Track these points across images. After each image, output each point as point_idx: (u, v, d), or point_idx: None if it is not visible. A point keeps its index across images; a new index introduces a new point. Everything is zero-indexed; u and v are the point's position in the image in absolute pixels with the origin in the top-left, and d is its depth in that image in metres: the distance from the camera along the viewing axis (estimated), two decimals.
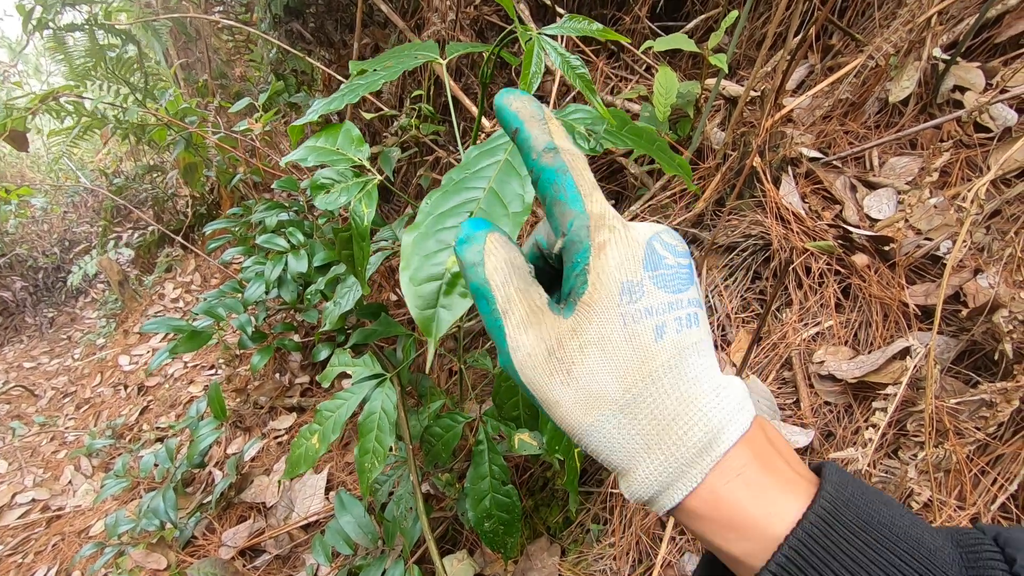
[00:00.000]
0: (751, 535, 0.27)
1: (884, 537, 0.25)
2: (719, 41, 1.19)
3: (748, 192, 1.12)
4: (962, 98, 1.24)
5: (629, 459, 0.29)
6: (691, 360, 0.29)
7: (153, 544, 1.41)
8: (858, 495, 0.26)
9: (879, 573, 0.24)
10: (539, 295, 0.31)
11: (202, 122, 1.92)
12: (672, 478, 0.28)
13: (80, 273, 3.87)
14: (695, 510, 0.28)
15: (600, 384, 0.29)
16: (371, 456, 0.83)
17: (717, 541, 0.28)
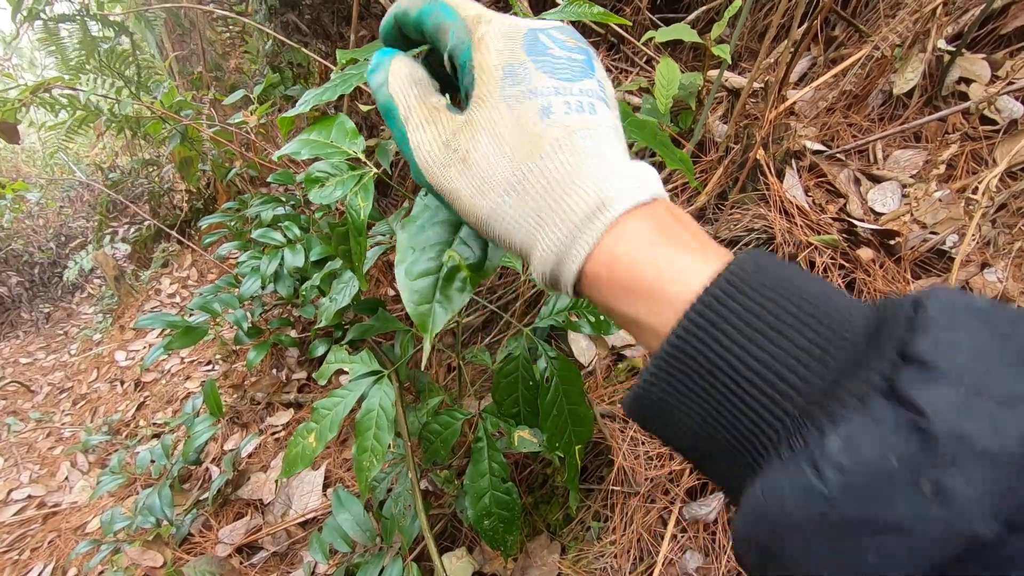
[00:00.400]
0: (655, 297, 0.26)
1: (796, 297, 0.23)
2: (721, 32, 1.17)
3: (751, 186, 1.10)
4: (967, 90, 1.22)
5: (528, 236, 0.29)
6: (582, 142, 0.29)
7: (149, 541, 1.39)
8: (772, 262, 0.24)
9: (781, 340, 0.22)
10: (437, 99, 0.33)
11: (197, 115, 1.90)
12: (567, 245, 0.28)
13: (76, 268, 3.85)
14: (595, 275, 0.27)
15: (492, 166, 0.30)
16: (369, 454, 0.81)
17: (621, 307, 0.27)
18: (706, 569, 0.90)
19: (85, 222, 5.00)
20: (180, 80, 2.88)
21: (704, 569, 0.90)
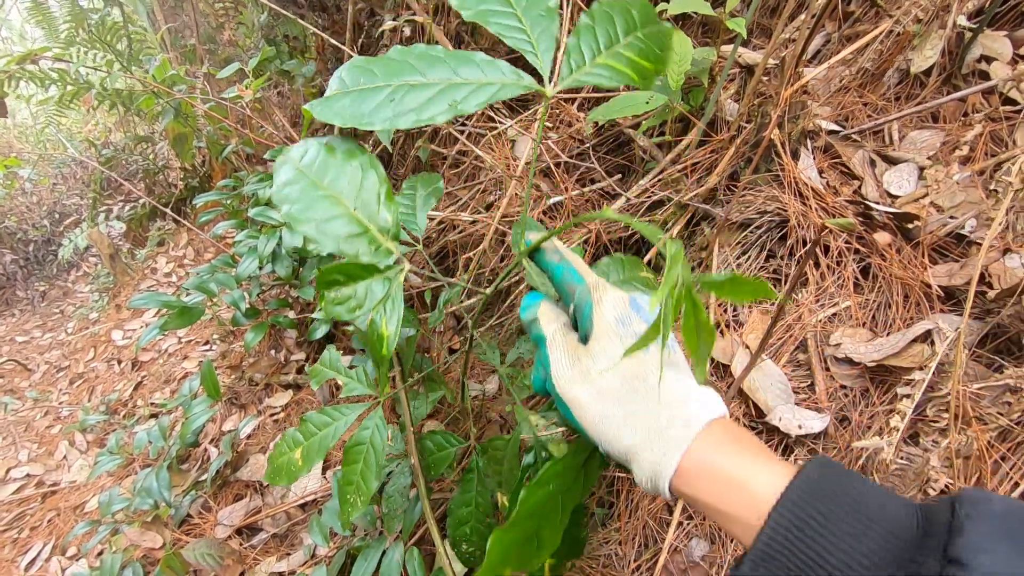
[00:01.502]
0: (741, 494, 0.35)
1: (858, 503, 0.31)
2: (735, 6, 1.13)
3: (764, 166, 1.07)
4: (988, 68, 1.18)
5: (632, 440, 0.40)
6: (669, 372, 0.42)
7: (148, 523, 1.38)
8: (834, 469, 0.34)
9: (852, 541, 0.30)
10: (573, 336, 0.46)
11: (191, 90, 1.84)
12: (666, 448, 0.38)
13: (71, 246, 3.81)
14: (688, 475, 0.37)
15: (608, 382, 0.42)
16: (354, 490, 0.75)
17: (712, 501, 0.36)
18: (712, 557, 0.89)
19: (79, 199, 4.93)
20: (173, 53, 2.81)
21: (710, 557, 0.89)
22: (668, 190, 1.15)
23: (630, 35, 0.48)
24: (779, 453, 0.91)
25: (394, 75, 0.44)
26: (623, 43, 0.47)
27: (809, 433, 0.87)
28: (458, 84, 0.44)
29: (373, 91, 0.43)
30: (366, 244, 0.48)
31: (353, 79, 0.44)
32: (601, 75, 0.46)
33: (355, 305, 0.49)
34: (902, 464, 0.79)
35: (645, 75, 0.47)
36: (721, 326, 1.03)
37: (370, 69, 0.44)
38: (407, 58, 0.45)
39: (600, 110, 1.15)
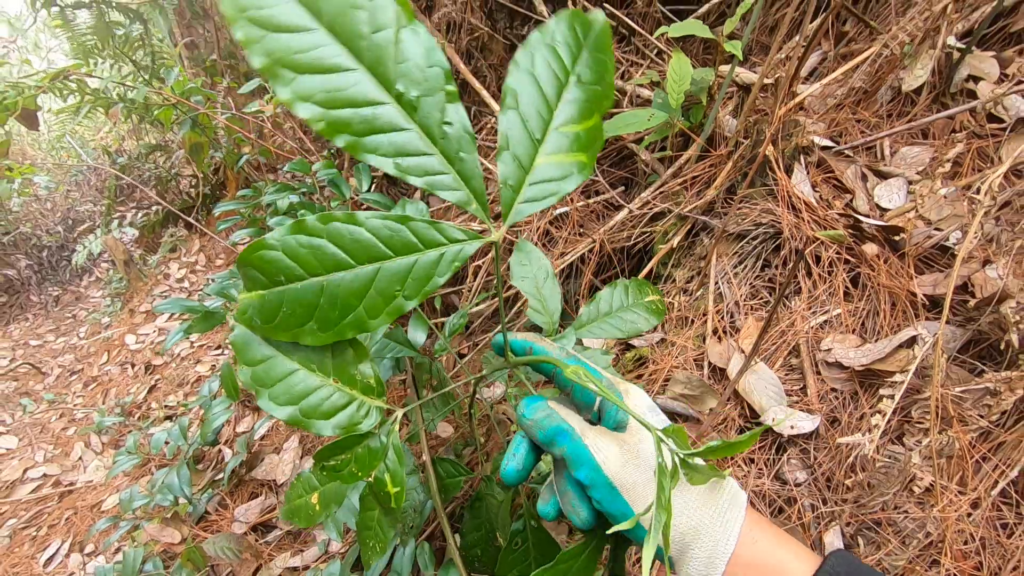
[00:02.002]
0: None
1: None
2: (733, 28, 1.19)
3: (760, 180, 1.12)
4: (976, 88, 1.23)
5: (693, 520, 0.41)
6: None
7: (167, 519, 1.44)
8: (854, 561, 0.39)
9: None
10: (599, 427, 0.45)
11: (209, 102, 1.92)
12: (726, 529, 0.41)
13: (85, 252, 3.88)
14: (738, 555, 0.40)
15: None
16: (373, 535, 0.72)
17: None
18: None
19: (92, 206, 5.02)
20: (189, 66, 2.89)
21: None
22: (669, 202, 1.21)
23: (565, 91, 0.41)
24: (772, 452, 0.96)
25: (318, 267, 0.38)
26: (562, 112, 0.41)
27: (801, 433, 0.92)
28: (393, 270, 0.39)
29: (292, 300, 0.38)
30: (355, 411, 0.46)
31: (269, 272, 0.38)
32: (548, 177, 0.40)
33: (355, 470, 0.48)
34: (887, 462, 0.84)
35: (594, 139, 0.41)
36: (719, 332, 1.09)
37: (287, 265, 0.38)
38: (330, 242, 0.39)
39: (605, 126, 1.21)
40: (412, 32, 0.36)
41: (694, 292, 1.17)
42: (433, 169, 0.38)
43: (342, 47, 0.35)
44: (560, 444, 0.44)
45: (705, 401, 0.99)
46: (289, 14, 0.33)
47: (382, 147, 0.36)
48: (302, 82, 0.34)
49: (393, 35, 0.35)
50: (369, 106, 0.36)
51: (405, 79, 0.36)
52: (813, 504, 0.90)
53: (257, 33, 0.33)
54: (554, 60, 0.40)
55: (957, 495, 0.84)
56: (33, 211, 4.89)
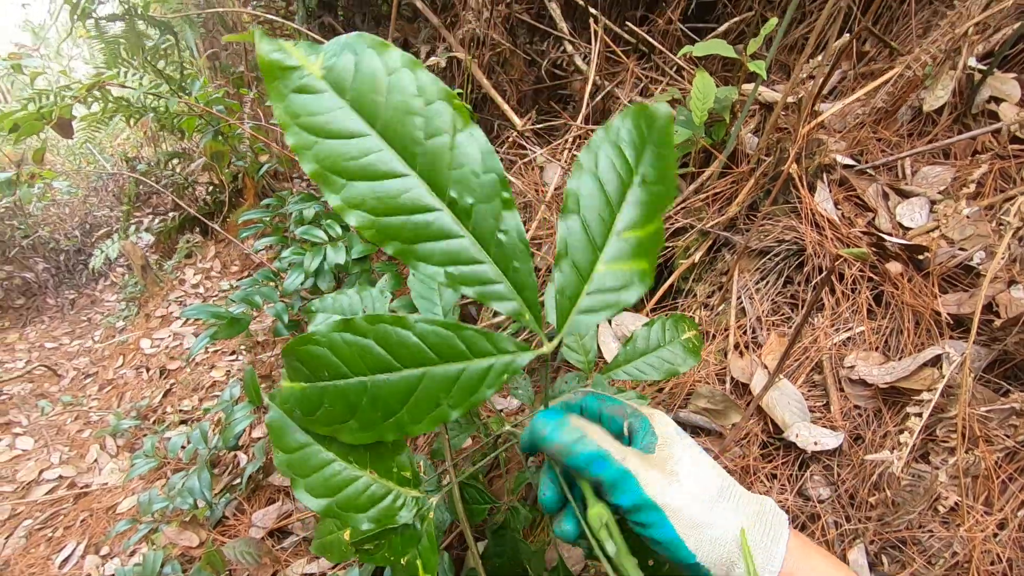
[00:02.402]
0: None
1: None
2: (757, 47, 1.21)
3: (782, 198, 1.13)
4: (997, 109, 1.24)
5: (738, 536, 0.40)
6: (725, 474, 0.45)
7: (186, 522, 1.45)
8: None
9: None
10: (628, 447, 0.44)
11: (231, 112, 1.96)
12: (773, 543, 0.40)
13: (102, 256, 3.93)
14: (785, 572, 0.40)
15: (700, 483, 0.42)
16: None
17: None
18: None
19: (109, 211, 5.10)
20: (211, 76, 2.95)
21: None
22: (691, 218, 1.22)
23: (628, 192, 0.39)
24: (795, 468, 0.96)
25: (363, 367, 0.38)
26: (624, 215, 0.39)
27: (824, 450, 0.92)
28: (439, 377, 0.38)
29: (334, 396, 0.38)
30: (391, 503, 0.46)
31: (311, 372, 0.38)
32: (607, 287, 0.39)
33: (388, 555, 0.48)
34: (912, 481, 0.84)
35: (656, 244, 0.39)
36: (740, 347, 1.09)
37: (333, 360, 0.38)
38: (375, 344, 0.38)
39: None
40: (468, 136, 0.35)
41: (715, 307, 1.18)
42: (486, 278, 0.37)
43: (395, 153, 0.34)
44: (597, 472, 0.41)
45: (728, 416, 1.00)
46: (344, 120, 0.33)
47: (434, 255, 0.36)
48: (353, 189, 0.34)
49: (449, 140, 0.35)
50: (422, 213, 0.35)
51: (460, 185, 0.35)
52: (837, 521, 0.90)
53: (309, 140, 0.33)
54: (618, 159, 0.39)
55: (983, 515, 0.84)
56: (52, 215, 4.97)
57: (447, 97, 0.35)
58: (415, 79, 0.34)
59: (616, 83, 1.66)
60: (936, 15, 1.41)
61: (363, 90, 0.33)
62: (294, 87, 0.33)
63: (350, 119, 0.34)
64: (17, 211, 4.52)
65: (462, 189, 0.35)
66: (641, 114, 0.39)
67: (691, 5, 1.75)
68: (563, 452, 0.42)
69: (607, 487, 0.41)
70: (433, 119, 0.34)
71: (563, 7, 1.82)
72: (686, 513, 0.40)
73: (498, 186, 0.36)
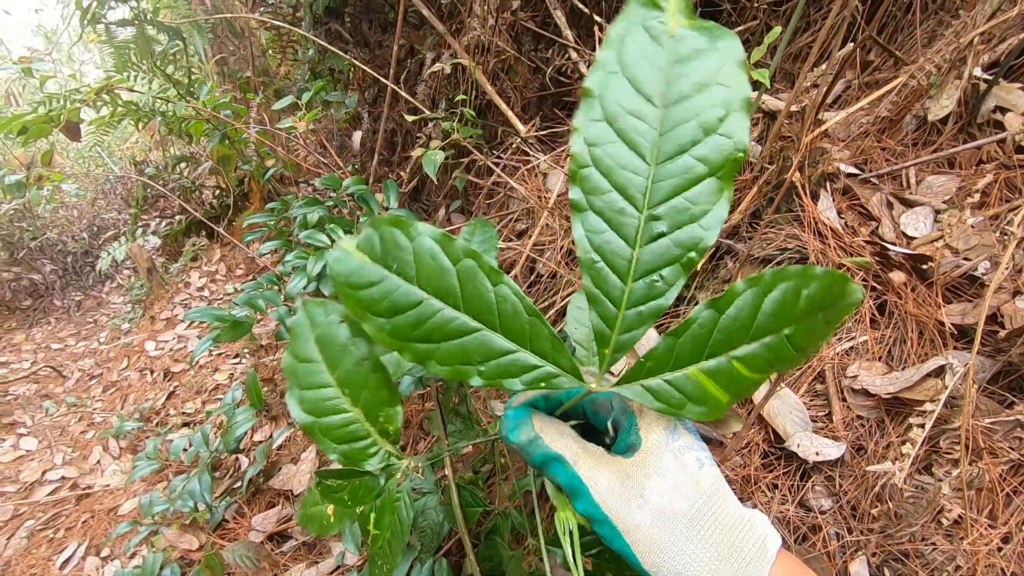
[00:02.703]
0: None
1: None
2: (761, 56, 1.21)
3: (785, 206, 1.13)
4: (1003, 119, 1.24)
5: (704, 566, 0.35)
6: (723, 489, 0.38)
7: (186, 525, 1.45)
8: None
9: None
10: (594, 447, 0.40)
11: (238, 116, 1.97)
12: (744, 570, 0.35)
13: (109, 259, 3.96)
14: None
15: (669, 502, 0.36)
16: (383, 555, 0.71)
17: None
18: None
19: (117, 214, 5.14)
20: (220, 82, 2.98)
21: None
22: None
23: (771, 335, 0.36)
24: (796, 478, 0.95)
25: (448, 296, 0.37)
26: (751, 347, 0.36)
27: (826, 460, 0.91)
28: (488, 343, 0.38)
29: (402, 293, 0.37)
30: (365, 447, 0.46)
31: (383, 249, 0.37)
32: (682, 389, 0.37)
33: (346, 499, 0.49)
34: (915, 493, 0.84)
35: (743, 392, 0.37)
36: None
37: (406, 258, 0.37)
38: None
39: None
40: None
41: None
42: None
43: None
44: (552, 473, 0.39)
45: (729, 424, 0.99)
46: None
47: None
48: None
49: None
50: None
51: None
52: (838, 532, 0.90)
53: None
54: (791, 304, 0.36)
55: (987, 528, 0.83)
56: (61, 218, 5.01)
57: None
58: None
59: None
60: (941, 25, 1.41)
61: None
62: None
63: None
64: (26, 213, 4.56)
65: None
66: (840, 284, 0.35)
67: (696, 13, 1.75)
68: (522, 453, 0.41)
69: (565, 491, 0.39)
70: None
71: (568, 14, 1.82)
72: (644, 533, 0.36)
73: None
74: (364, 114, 2.30)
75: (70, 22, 3.03)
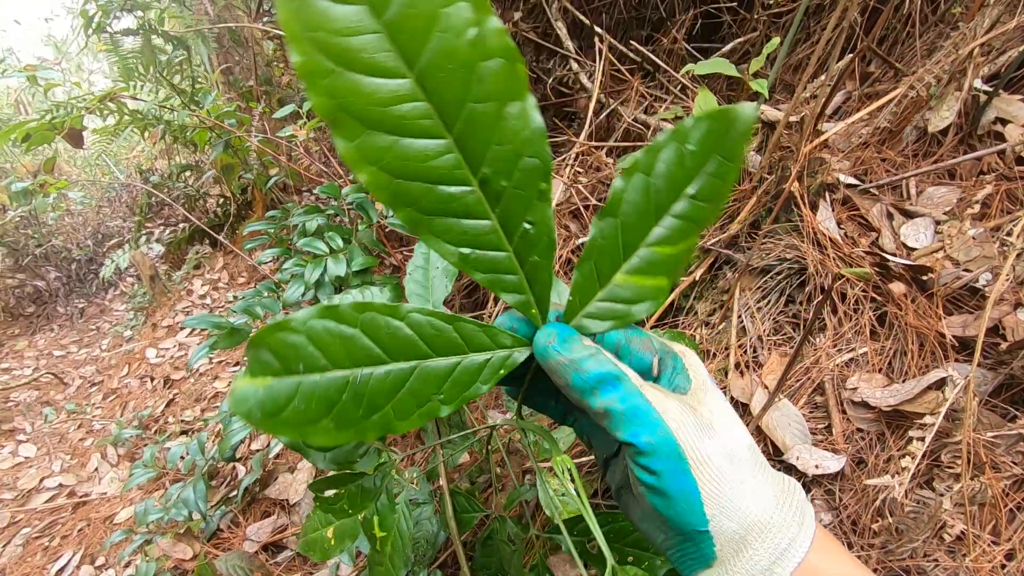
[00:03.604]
0: None
1: None
2: (759, 66, 1.21)
3: (784, 216, 1.13)
4: (1003, 130, 1.23)
5: (765, 507, 0.34)
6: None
7: (180, 534, 1.44)
8: None
9: None
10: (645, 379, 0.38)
11: (241, 125, 1.99)
12: (802, 520, 0.34)
13: (112, 266, 3.97)
14: (811, 562, 0.33)
15: (732, 433, 0.36)
16: (385, 570, 0.69)
17: None
18: None
19: (122, 222, 5.17)
20: (225, 91, 3.00)
21: None
22: None
23: (675, 204, 0.35)
24: None
25: (346, 360, 0.33)
26: (661, 227, 0.35)
27: (826, 473, 0.90)
28: (432, 371, 0.35)
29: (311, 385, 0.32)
30: (352, 449, 0.44)
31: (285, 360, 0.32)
32: (620, 297, 0.36)
33: (346, 507, 0.47)
34: (916, 507, 0.82)
35: (681, 263, 0.36)
36: (741, 366, 1.08)
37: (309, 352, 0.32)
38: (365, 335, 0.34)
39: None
40: (521, 109, 0.30)
41: (716, 325, 1.17)
42: (500, 267, 0.35)
43: (433, 108, 0.29)
44: (607, 395, 0.34)
45: None
46: (376, 51, 0.27)
47: (452, 233, 0.33)
48: (373, 139, 0.29)
49: (495, 109, 0.30)
50: (448, 184, 0.31)
51: (497, 163, 0.31)
52: None
53: (325, 65, 0.27)
54: (677, 166, 0.34)
55: (990, 545, 0.81)
56: (66, 225, 5.04)
57: (509, 55, 0.28)
58: (477, 24, 0.27)
59: (620, 101, 1.67)
60: (941, 37, 1.41)
61: (408, 15, 0.27)
62: None
63: (384, 51, 0.27)
64: (32, 220, 4.59)
65: (498, 168, 0.31)
66: (723, 117, 0.33)
67: (696, 25, 1.76)
68: (568, 370, 0.35)
69: (616, 418, 0.34)
70: (486, 79, 0.29)
71: (570, 26, 1.83)
72: (715, 466, 0.34)
73: (538, 174, 0.32)
74: None
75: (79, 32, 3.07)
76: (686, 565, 0.36)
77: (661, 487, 0.34)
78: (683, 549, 0.35)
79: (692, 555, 0.35)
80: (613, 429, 0.34)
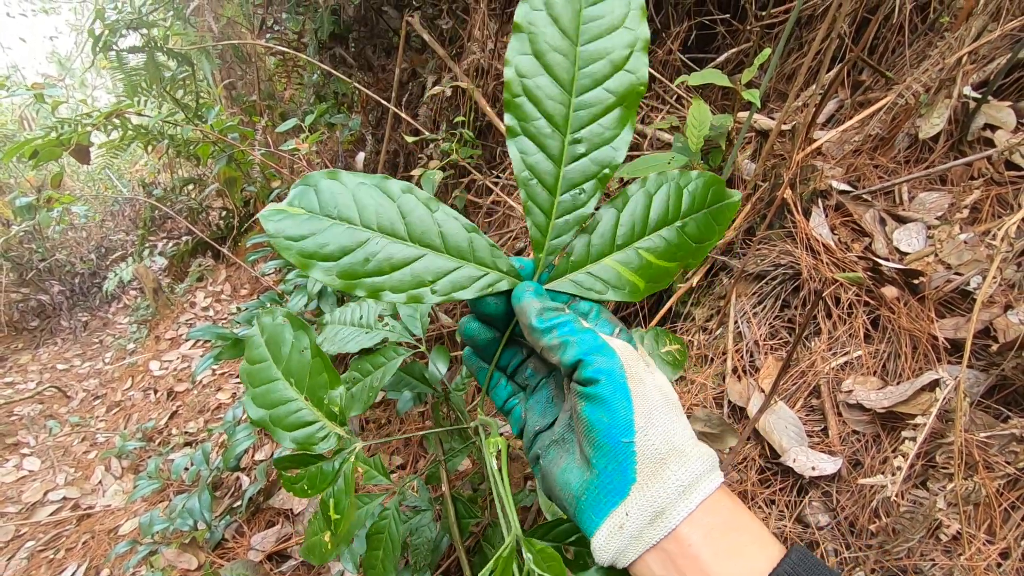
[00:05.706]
0: (742, 559, 0.35)
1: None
2: (752, 76, 1.23)
3: (778, 223, 1.15)
4: (993, 136, 1.25)
5: (686, 440, 0.38)
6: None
7: (185, 544, 1.45)
8: (811, 559, 0.35)
9: None
10: None
11: (244, 139, 2.02)
12: (710, 453, 0.38)
13: (116, 279, 4.00)
14: (719, 501, 0.37)
15: (664, 381, 0.41)
16: (378, 573, 0.78)
17: (714, 557, 0.35)
18: None
19: (125, 235, 5.20)
20: (228, 106, 3.05)
21: None
22: None
23: (666, 227, 0.45)
24: (793, 494, 0.95)
25: (373, 222, 0.40)
26: (652, 239, 0.45)
27: (822, 475, 0.91)
28: (437, 264, 0.42)
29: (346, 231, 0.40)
30: (315, 431, 0.49)
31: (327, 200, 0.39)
32: (599, 275, 0.44)
33: (306, 487, 0.50)
34: (911, 508, 0.83)
35: (657, 279, 0.45)
36: (738, 371, 1.09)
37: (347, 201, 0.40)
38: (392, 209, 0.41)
39: (627, 168, 1.26)
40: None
41: (713, 331, 1.18)
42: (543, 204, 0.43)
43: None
44: (563, 332, 0.39)
45: (725, 440, 0.99)
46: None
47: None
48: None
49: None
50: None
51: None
52: (836, 549, 0.89)
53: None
54: (675, 199, 0.45)
55: (985, 544, 0.82)
56: (70, 239, 5.08)
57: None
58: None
59: None
60: (930, 45, 1.43)
61: None
62: None
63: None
64: (36, 235, 4.62)
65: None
66: (718, 186, 0.46)
67: (691, 36, 1.79)
68: (533, 311, 0.40)
69: (568, 345, 0.38)
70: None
71: None
72: (647, 389, 0.38)
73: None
74: (368, 136, 2.34)
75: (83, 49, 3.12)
76: (600, 504, 0.37)
77: (599, 393, 0.37)
78: (602, 479, 0.37)
79: (609, 485, 0.37)
80: (563, 355, 0.38)
